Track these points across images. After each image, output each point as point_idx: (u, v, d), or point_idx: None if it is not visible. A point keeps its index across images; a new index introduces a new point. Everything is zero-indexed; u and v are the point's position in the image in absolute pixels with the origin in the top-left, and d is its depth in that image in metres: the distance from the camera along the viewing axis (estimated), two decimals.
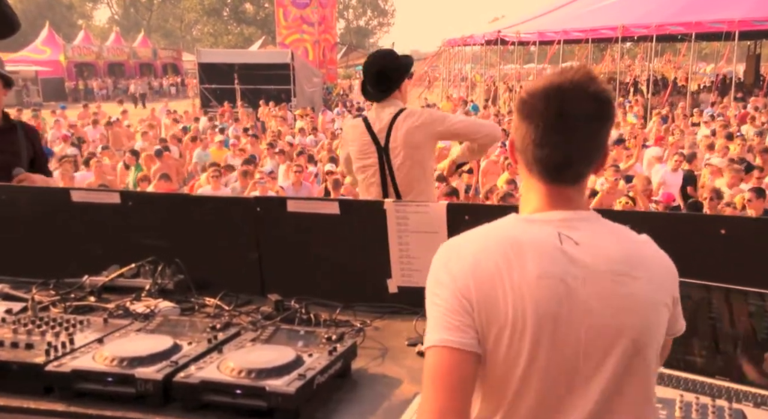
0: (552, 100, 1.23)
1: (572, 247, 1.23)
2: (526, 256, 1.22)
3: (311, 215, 2.53)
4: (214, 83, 22.95)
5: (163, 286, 2.48)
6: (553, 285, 1.21)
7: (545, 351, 1.22)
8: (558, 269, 1.22)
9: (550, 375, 1.23)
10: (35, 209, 2.74)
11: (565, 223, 1.26)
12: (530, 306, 1.20)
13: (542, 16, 24.15)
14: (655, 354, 1.28)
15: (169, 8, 65.70)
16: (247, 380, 1.67)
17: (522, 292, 1.21)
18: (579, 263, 1.23)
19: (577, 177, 1.29)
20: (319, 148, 12.95)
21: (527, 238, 1.24)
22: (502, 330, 1.22)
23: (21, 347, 1.82)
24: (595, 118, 1.24)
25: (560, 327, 1.21)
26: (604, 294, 1.22)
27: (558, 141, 1.24)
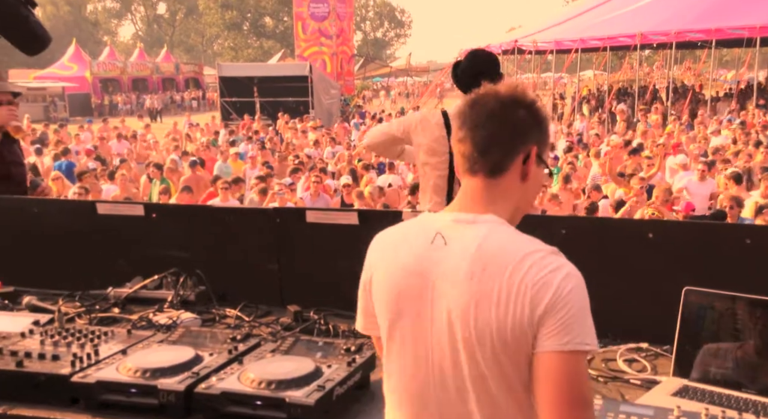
0: (472, 103, 1.35)
1: (439, 246, 1.29)
2: (401, 250, 1.32)
3: (330, 226, 2.55)
4: (234, 96, 23.19)
5: (184, 297, 2.52)
6: (407, 279, 1.29)
7: (397, 346, 1.32)
8: (416, 265, 1.29)
9: (411, 372, 1.31)
10: (63, 222, 2.80)
11: (452, 223, 1.30)
12: (387, 297, 1.32)
13: (559, 24, 24.06)
14: (501, 370, 1.22)
15: (191, 23, 66.63)
16: (267, 391, 1.69)
17: (385, 283, 1.33)
18: (436, 261, 1.28)
19: (493, 168, 1.31)
20: (336, 159, 13.01)
21: (412, 233, 1.34)
22: (379, 318, 1.35)
23: (48, 358, 1.86)
24: (504, 113, 1.31)
25: (410, 324, 1.30)
26: (450, 295, 1.25)
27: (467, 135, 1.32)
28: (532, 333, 1.20)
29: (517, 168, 1.32)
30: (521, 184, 1.33)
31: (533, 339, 1.21)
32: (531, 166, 1.33)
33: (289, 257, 2.60)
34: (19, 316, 2.31)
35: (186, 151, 13.61)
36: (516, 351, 1.21)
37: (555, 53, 22.41)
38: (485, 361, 1.22)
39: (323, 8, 30.07)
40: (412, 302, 1.29)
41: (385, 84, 47.62)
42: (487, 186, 1.31)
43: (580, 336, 1.19)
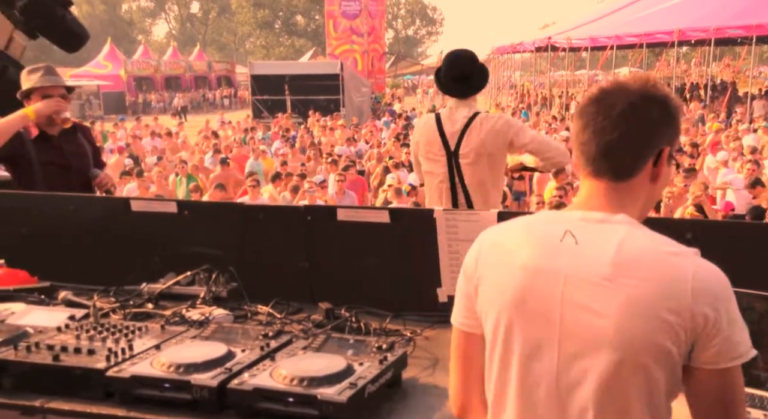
0: (596, 100, 1.26)
1: (570, 245, 1.22)
2: (523, 248, 1.25)
3: (361, 224, 2.54)
4: (265, 94, 23.39)
5: (217, 294, 2.53)
6: (532, 277, 1.23)
7: (518, 344, 1.25)
8: (543, 263, 1.22)
9: (525, 374, 1.25)
10: (97, 219, 2.84)
11: (581, 222, 1.24)
12: (508, 295, 1.25)
13: (594, 21, 23.75)
14: (646, 378, 1.15)
15: (224, 22, 67.35)
16: (299, 388, 1.69)
17: (504, 280, 1.26)
18: (568, 261, 1.21)
19: (622, 172, 1.24)
20: (367, 157, 13.02)
21: (535, 231, 1.27)
22: (487, 316, 1.29)
23: (84, 352, 1.88)
24: (634, 112, 1.23)
25: (532, 322, 1.23)
26: (585, 296, 1.18)
27: (595, 134, 1.25)
28: (690, 345, 1.15)
29: (647, 171, 1.25)
30: (650, 185, 1.27)
31: (689, 349, 1.16)
32: (662, 167, 1.26)
33: (320, 255, 2.60)
34: (55, 311, 2.34)
35: (218, 149, 13.77)
36: (670, 365, 1.15)
37: (590, 50, 22.12)
38: (626, 363, 1.15)
39: (355, 6, 30.14)
40: (538, 302, 1.21)
41: (416, 82, 47.52)
42: (614, 189, 1.25)
43: (741, 346, 1.16)
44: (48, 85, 3.42)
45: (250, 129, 17.66)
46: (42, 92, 3.41)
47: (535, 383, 1.23)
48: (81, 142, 3.61)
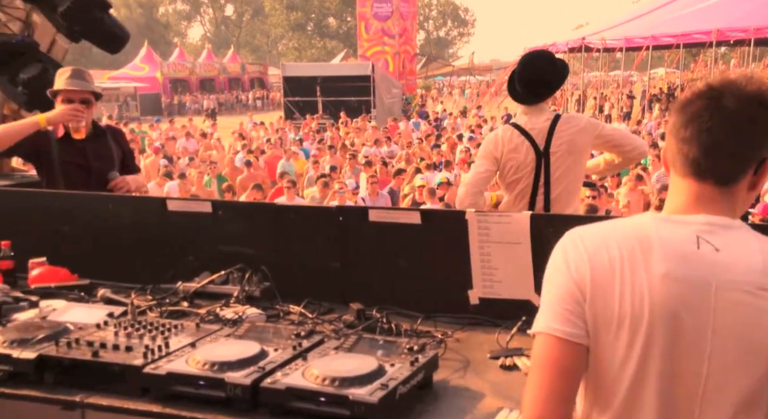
0: (705, 98, 1.20)
1: (710, 252, 1.16)
2: (654, 254, 1.16)
3: (393, 225, 2.55)
4: (297, 96, 23.57)
5: (250, 293, 2.57)
6: (679, 287, 1.14)
7: (660, 358, 1.16)
8: (688, 272, 1.15)
9: (665, 387, 1.16)
10: (135, 218, 2.91)
11: (707, 227, 1.18)
12: (648, 306, 1.15)
13: (629, 21, 23.38)
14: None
15: (257, 25, 68.10)
16: (331, 388, 1.70)
17: (642, 290, 1.15)
18: (715, 269, 1.14)
19: (725, 177, 1.20)
20: (397, 159, 13.03)
21: (660, 236, 1.18)
22: (614, 326, 1.18)
23: (122, 349, 1.93)
24: (746, 117, 1.17)
25: (680, 333, 1.15)
26: (739, 306, 1.13)
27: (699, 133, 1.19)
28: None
29: (747, 179, 1.21)
30: (747, 194, 1.23)
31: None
32: (762, 177, 1.21)
33: (352, 256, 2.62)
34: (94, 308, 2.40)
35: (250, 149, 13.93)
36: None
37: (624, 51, 21.79)
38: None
39: (386, 8, 30.19)
40: (688, 312, 1.14)
41: (447, 83, 47.39)
42: (719, 194, 1.21)
43: None
44: (70, 89, 3.43)
45: (280, 130, 17.84)
46: (65, 95, 3.43)
47: (678, 395, 1.17)
48: (108, 145, 3.61)
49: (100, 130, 3.61)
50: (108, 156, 3.60)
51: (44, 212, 3.01)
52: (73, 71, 3.50)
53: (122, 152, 3.70)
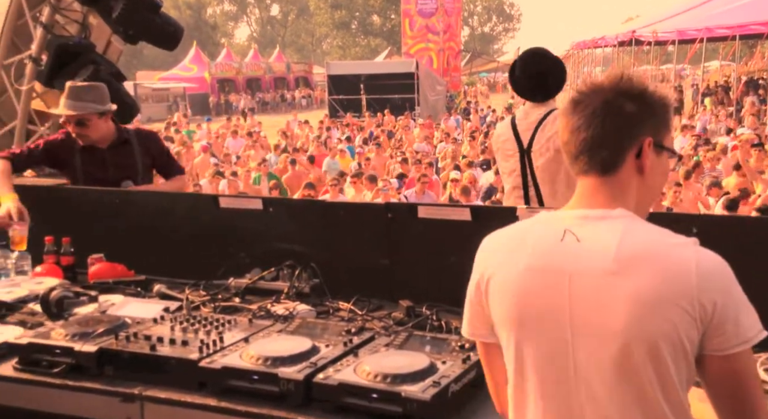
0: (572, 102, 1.31)
1: (572, 243, 1.23)
2: (524, 249, 1.27)
3: (442, 222, 2.54)
4: (341, 94, 23.72)
5: (299, 289, 2.59)
6: (537, 278, 1.24)
7: (531, 347, 1.26)
8: (547, 264, 1.24)
9: (541, 374, 1.26)
10: (189, 215, 2.97)
11: (579, 220, 1.26)
12: (512, 299, 1.26)
13: (682, 13, 22.70)
14: (658, 368, 1.17)
15: (302, 24, 68.69)
16: (383, 384, 1.70)
17: (508, 285, 1.27)
18: (572, 258, 1.22)
19: (604, 167, 1.26)
20: (443, 155, 12.98)
21: (533, 234, 1.28)
22: (497, 322, 1.31)
23: (178, 343, 1.97)
24: (604, 110, 1.25)
25: (542, 322, 1.24)
26: (591, 292, 1.20)
27: (572, 134, 1.28)
28: (699, 334, 1.17)
29: (630, 163, 1.26)
30: (640, 178, 1.27)
31: (700, 338, 1.17)
32: (646, 159, 1.26)
33: (401, 252, 2.62)
34: (150, 303, 2.46)
35: (296, 148, 14.06)
36: (683, 354, 1.17)
37: (677, 44, 21.18)
38: (637, 354, 1.16)
39: (431, 4, 30.06)
40: (545, 301, 1.23)
41: (492, 79, 46.96)
42: (603, 183, 1.27)
43: (749, 329, 1.17)
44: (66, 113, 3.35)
45: (326, 129, 17.97)
46: (63, 119, 3.40)
47: (552, 381, 1.25)
48: (132, 153, 3.53)
49: (125, 138, 3.53)
50: (129, 165, 3.52)
51: (102, 209, 3.10)
52: (69, 91, 3.37)
53: (151, 157, 3.61)
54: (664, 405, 1.18)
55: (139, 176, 3.54)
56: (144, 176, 3.59)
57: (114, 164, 3.47)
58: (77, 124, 3.37)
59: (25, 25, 4.54)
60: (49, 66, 4.23)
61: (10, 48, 4.61)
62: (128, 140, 3.54)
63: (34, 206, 3.12)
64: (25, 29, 4.54)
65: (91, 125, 3.38)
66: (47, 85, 4.40)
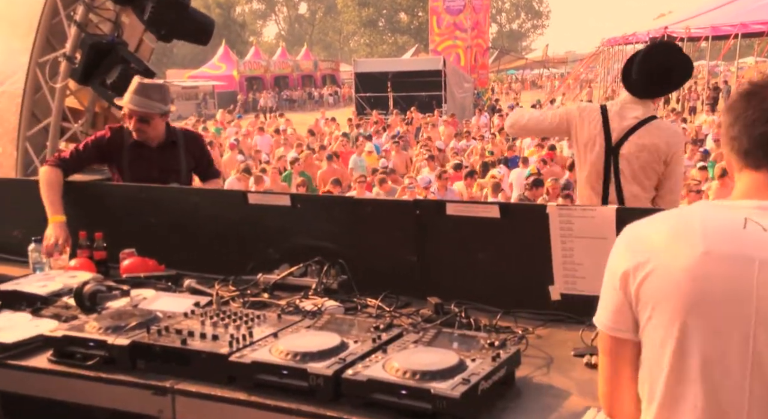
0: (746, 95, 1.26)
1: (758, 231, 1.16)
2: (696, 235, 1.19)
3: (471, 219, 2.52)
4: (368, 92, 23.73)
5: (328, 286, 2.59)
6: (720, 263, 1.16)
7: (702, 336, 1.17)
8: (730, 249, 1.16)
9: (709, 366, 1.17)
10: (218, 211, 2.99)
11: (758, 210, 1.20)
12: (685, 285, 1.17)
13: (716, 9, 22.26)
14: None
15: (330, 22, 68.93)
16: (412, 381, 1.69)
17: (679, 271, 1.18)
18: (760, 246, 1.15)
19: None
20: (469, 152, 12.92)
21: (703, 219, 1.21)
22: (656, 312, 1.21)
23: (208, 338, 1.99)
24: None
25: (723, 309, 1.15)
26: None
27: (746, 128, 1.24)
28: None
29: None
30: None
31: None
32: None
33: (429, 249, 2.61)
34: (181, 297, 2.49)
35: (323, 145, 14.12)
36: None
37: (710, 40, 20.78)
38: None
39: (459, 1, 29.88)
40: (730, 287, 1.15)
41: (519, 76, 46.58)
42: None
43: None
44: (130, 107, 3.40)
45: (356, 126, 18.00)
46: (126, 111, 3.44)
47: (722, 373, 1.17)
48: (178, 156, 3.57)
49: (173, 139, 3.56)
50: (174, 166, 3.56)
51: (134, 205, 3.14)
52: (138, 87, 3.43)
53: (195, 159, 3.64)
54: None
55: (182, 178, 3.59)
56: (186, 177, 3.64)
57: (160, 163, 3.51)
58: (140, 120, 3.44)
59: (59, 24, 4.61)
60: (83, 64, 4.30)
61: (45, 46, 4.69)
62: (176, 142, 3.58)
63: (67, 202, 3.18)
64: (60, 28, 4.62)
65: (152, 123, 3.46)
66: (81, 82, 4.48)
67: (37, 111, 4.82)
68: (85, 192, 3.34)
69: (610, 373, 1.33)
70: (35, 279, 2.74)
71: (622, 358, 1.30)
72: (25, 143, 4.81)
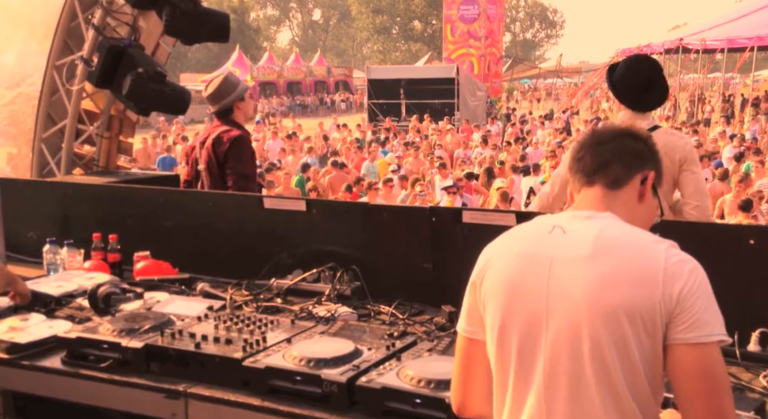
0: (593, 135, 1.49)
1: (559, 234, 1.36)
2: (515, 243, 1.41)
3: (486, 227, 2.50)
4: (381, 98, 23.75)
5: (341, 292, 2.58)
6: (525, 262, 1.36)
7: (514, 327, 1.35)
8: (534, 250, 1.36)
9: (520, 353, 1.35)
10: (233, 215, 2.99)
11: (569, 218, 1.40)
12: (502, 283, 1.38)
13: (732, 21, 22.14)
14: (621, 346, 1.24)
15: (343, 29, 69.20)
16: (427, 390, 1.68)
17: (500, 272, 1.39)
18: (557, 246, 1.34)
19: (610, 180, 1.41)
20: (481, 160, 12.88)
21: (526, 229, 1.43)
22: (488, 310, 1.40)
23: (222, 342, 1.98)
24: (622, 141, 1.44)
25: (525, 301, 1.34)
26: (568, 272, 1.31)
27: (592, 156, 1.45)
28: (663, 321, 1.24)
29: (635, 186, 1.41)
30: (636, 203, 1.41)
31: (664, 328, 1.24)
32: (647, 189, 1.42)
33: (444, 257, 2.59)
34: (194, 301, 2.49)
35: (335, 151, 14.13)
36: (644, 331, 1.24)
37: (726, 52, 20.66)
38: (610, 336, 1.24)
39: (473, 10, 29.92)
40: (528, 281, 1.34)
41: (533, 86, 46.53)
42: (604, 195, 1.40)
43: (714, 327, 1.23)
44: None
45: (373, 133, 17.99)
46: (249, 92, 3.73)
47: (528, 356, 1.34)
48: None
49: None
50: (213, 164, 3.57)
51: (148, 207, 3.15)
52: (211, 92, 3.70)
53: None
54: (630, 392, 1.24)
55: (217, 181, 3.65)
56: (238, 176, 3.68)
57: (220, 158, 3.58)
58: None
59: (77, 27, 4.64)
60: (100, 67, 4.32)
61: (62, 49, 4.72)
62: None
63: (83, 204, 3.19)
64: (78, 31, 4.65)
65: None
66: (97, 86, 4.50)
67: (53, 113, 4.85)
68: (101, 194, 3.35)
69: (462, 373, 1.50)
70: (52, 280, 2.75)
71: (473, 358, 1.47)
72: (41, 145, 4.83)
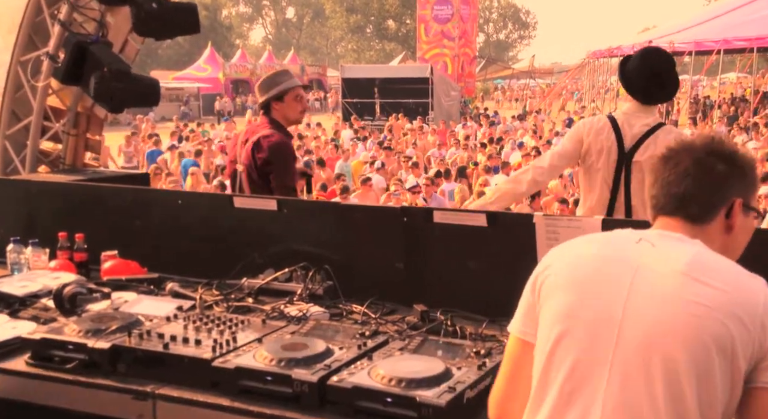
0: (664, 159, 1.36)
1: (647, 246, 1.26)
2: (591, 244, 1.33)
3: (458, 227, 2.51)
4: (355, 97, 23.74)
5: (313, 291, 2.57)
6: (603, 263, 1.27)
7: (573, 324, 1.25)
8: (616, 253, 1.27)
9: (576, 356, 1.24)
10: (203, 214, 2.96)
11: (657, 236, 1.30)
12: (570, 276, 1.28)
13: (699, 25, 22.59)
14: (700, 375, 1.14)
15: (317, 27, 68.96)
16: (398, 389, 1.68)
17: (571, 266, 1.30)
18: (644, 256, 1.25)
19: (693, 216, 1.31)
20: (453, 161, 12.94)
21: (609, 235, 1.35)
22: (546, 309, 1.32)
23: (191, 342, 1.96)
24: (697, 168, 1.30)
25: (595, 296, 1.24)
26: (655, 285, 1.21)
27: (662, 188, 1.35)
28: (753, 361, 1.16)
29: (720, 221, 1.31)
30: (724, 236, 1.32)
31: (751, 368, 1.17)
32: (735, 218, 1.31)
33: (416, 257, 2.60)
34: (163, 301, 2.45)
35: (309, 150, 14.07)
36: (731, 366, 1.16)
37: (694, 55, 21.07)
38: (691, 362, 1.15)
39: (447, 10, 30.08)
40: (605, 282, 1.25)
41: (506, 86, 46.91)
42: (690, 227, 1.31)
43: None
44: (298, 84, 3.68)
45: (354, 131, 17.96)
46: (295, 93, 3.66)
47: (587, 362, 1.23)
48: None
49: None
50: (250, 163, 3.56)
51: (116, 206, 3.10)
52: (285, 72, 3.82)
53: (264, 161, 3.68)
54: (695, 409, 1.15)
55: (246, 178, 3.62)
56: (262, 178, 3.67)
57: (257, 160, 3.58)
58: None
59: (43, 22, 4.54)
60: (66, 63, 4.23)
61: (27, 45, 4.62)
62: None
63: (48, 202, 3.13)
64: (43, 26, 4.55)
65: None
66: (64, 82, 4.41)
67: (18, 110, 4.74)
68: (67, 192, 3.29)
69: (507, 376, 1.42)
70: (16, 279, 2.69)
71: (523, 360, 1.38)
72: (5, 142, 4.73)
